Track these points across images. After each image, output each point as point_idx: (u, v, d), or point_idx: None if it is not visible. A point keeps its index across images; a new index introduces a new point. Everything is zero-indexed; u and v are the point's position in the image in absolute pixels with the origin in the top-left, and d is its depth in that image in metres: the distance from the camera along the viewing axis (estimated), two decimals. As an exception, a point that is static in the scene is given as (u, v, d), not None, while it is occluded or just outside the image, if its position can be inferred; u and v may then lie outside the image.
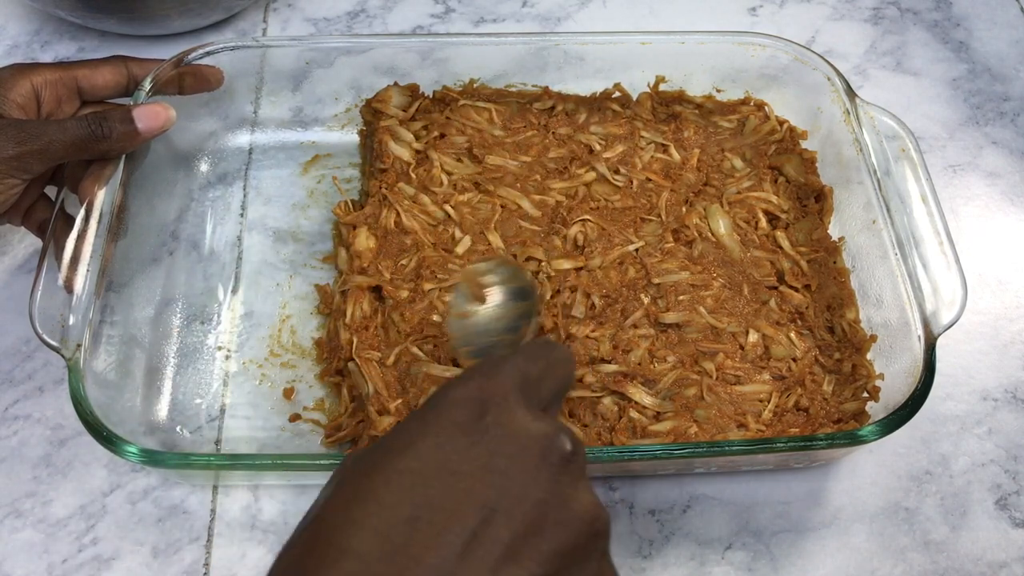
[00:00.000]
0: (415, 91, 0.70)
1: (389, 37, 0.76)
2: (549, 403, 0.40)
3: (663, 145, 0.68)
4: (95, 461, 0.57)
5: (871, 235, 0.60)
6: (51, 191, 0.59)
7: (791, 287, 0.62)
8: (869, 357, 0.59)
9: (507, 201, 0.64)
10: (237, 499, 0.56)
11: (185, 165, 0.68)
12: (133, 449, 0.48)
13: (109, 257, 0.55)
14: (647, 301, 0.60)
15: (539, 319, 0.56)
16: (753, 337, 0.59)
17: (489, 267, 0.55)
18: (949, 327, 0.53)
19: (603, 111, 0.70)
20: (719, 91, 0.71)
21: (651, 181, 0.66)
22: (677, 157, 0.68)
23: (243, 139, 0.71)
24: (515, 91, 0.70)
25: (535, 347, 0.41)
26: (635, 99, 0.71)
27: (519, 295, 0.55)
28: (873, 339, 0.59)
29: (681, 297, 0.60)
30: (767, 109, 0.70)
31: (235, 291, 0.64)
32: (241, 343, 0.62)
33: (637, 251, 0.63)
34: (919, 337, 0.53)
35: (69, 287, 0.52)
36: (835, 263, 0.63)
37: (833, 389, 0.58)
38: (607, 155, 0.67)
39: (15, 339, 0.62)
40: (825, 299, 0.61)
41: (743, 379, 0.58)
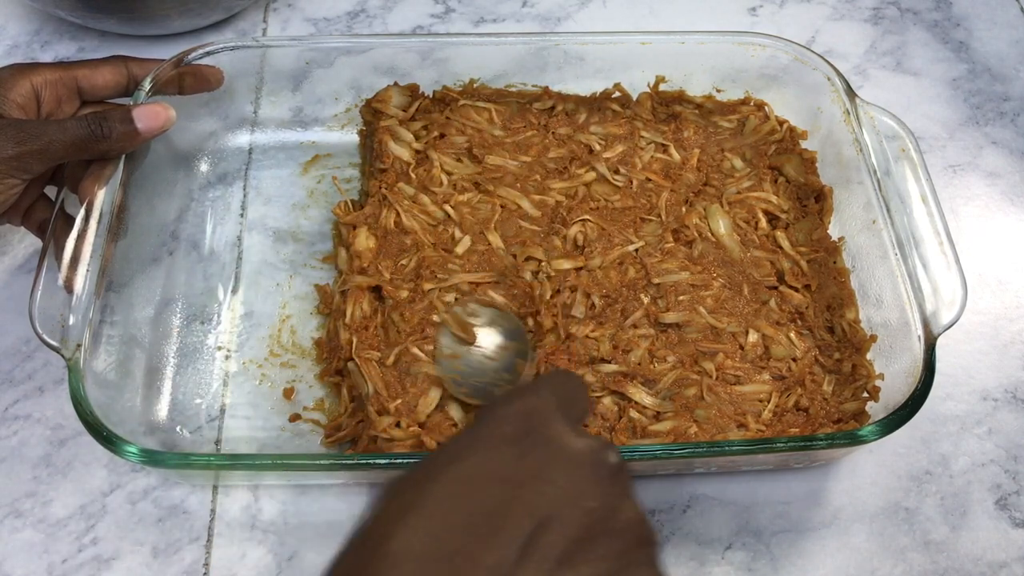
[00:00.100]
0: (415, 91, 0.69)
1: (389, 37, 0.76)
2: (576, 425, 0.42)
3: (663, 145, 0.68)
4: (95, 461, 0.57)
5: (871, 235, 0.60)
6: (51, 191, 0.59)
7: (791, 287, 0.62)
8: (869, 357, 0.59)
9: (507, 201, 0.64)
10: (237, 499, 0.56)
11: (185, 165, 0.68)
12: (133, 449, 0.48)
13: (109, 257, 0.55)
14: (647, 301, 0.60)
15: (534, 354, 0.57)
16: (753, 337, 0.59)
17: (473, 308, 0.57)
18: (949, 327, 0.53)
19: (603, 111, 0.70)
20: (719, 91, 0.71)
21: (651, 181, 0.66)
22: (677, 157, 0.68)
23: (243, 139, 0.71)
24: (515, 91, 0.70)
25: (557, 376, 0.44)
26: (635, 99, 0.71)
27: (508, 335, 0.57)
28: (873, 339, 0.59)
29: (681, 297, 0.60)
30: (767, 109, 0.70)
31: (235, 291, 0.64)
32: (241, 343, 0.62)
33: (637, 251, 0.63)
34: (919, 337, 0.53)
35: (69, 287, 0.52)
36: (835, 263, 0.63)
37: (833, 389, 0.58)
38: (607, 155, 0.67)
39: (15, 339, 0.62)
40: (825, 299, 0.61)
41: (743, 379, 0.58)
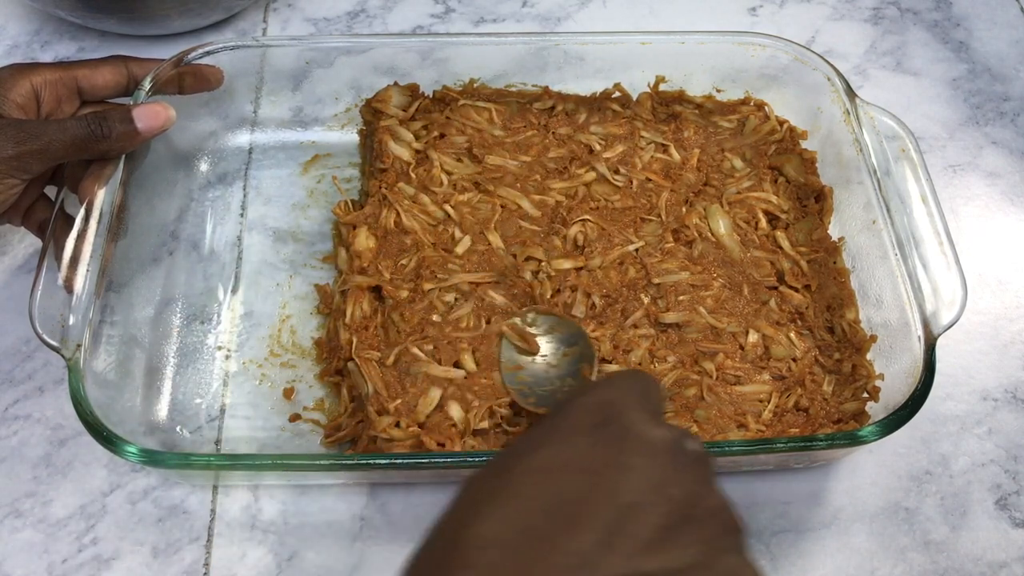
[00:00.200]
0: (415, 91, 0.69)
1: (389, 37, 0.76)
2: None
3: (663, 145, 0.68)
4: (95, 461, 0.57)
5: (871, 235, 0.60)
6: (51, 191, 0.59)
7: (791, 287, 0.62)
8: (869, 357, 0.59)
9: (507, 201, 0.64)
10: (237, 499, 0.56)
11: (185, 165, 0.68)
12: (133, 449, 0.48)
13: (109, 257, 0.55)
14: (647, 301, 0.60)
15: (599, 356, 0.57)
16: (753, 337, 0.59)
17: (532, 318, 0.57)
18: (949, 327, 0.53)
19: (603, 111, 0.70)
20: (719, 91, 0.71)
21: (651, 181, 0.66)
22: (677, 157, 0.68)
23: (243, 139, 0.71)
24: (515, 91, 0.70)
25: (630, 373, 0.44)
26: (635, 99, 0.71)
27: (566, 341, 0.57)
28: (873, 339, 0.59)
29: (681, 297, 0.60)
30: (767, 109, 0.70)
31: (235, 291, 0.64)
32: (241, 343, 0.62)
33: (637, 251, 0.63)
34: (919, 337, 0.53)
35: (69, 287, 0.52)
36: (835, 263, 0.63)
37: (833, 389, 0.58)
38: (607, 155, 0.67)
39: (15, 339, 0.62)
40: (825, 299, 0.61)
41: (743, 379, 0.58)
